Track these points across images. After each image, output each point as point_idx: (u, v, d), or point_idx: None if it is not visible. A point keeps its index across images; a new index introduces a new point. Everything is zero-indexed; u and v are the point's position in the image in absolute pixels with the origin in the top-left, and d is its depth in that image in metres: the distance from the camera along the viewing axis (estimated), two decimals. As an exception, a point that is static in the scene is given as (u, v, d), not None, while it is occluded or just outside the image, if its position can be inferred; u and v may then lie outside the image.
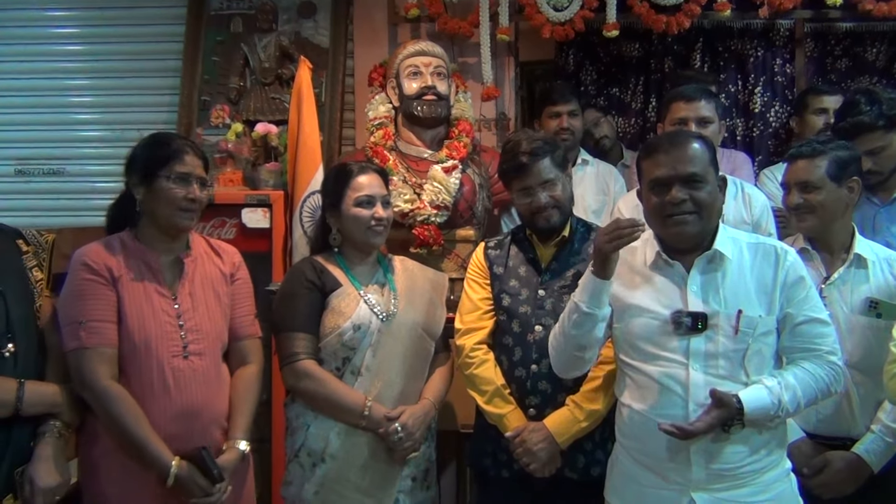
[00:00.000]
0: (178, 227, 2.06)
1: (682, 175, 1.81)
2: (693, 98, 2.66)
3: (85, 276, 1.96)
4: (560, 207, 2.21)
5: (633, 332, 1.88)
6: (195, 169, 2.06)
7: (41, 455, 1.85)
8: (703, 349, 1.80)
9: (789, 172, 2.24)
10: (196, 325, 2.05)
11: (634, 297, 1.89)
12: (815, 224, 2.19)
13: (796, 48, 3.52)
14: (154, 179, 2.02)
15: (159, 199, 2.02)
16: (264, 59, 3.65)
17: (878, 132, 2.43)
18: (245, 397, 2.13)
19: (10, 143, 3.94)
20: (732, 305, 1.80)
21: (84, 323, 1.92)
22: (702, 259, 1.84)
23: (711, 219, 1.84)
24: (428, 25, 3.55)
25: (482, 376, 2.21)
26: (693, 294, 1.83)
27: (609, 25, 3.30)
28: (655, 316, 1.84)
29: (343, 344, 2.16)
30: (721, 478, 1.78)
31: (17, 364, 1.86)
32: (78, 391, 1.95)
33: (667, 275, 1.88)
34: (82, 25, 3.92)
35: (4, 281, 1.88)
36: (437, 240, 2.87)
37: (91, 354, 1.91)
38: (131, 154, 2.10)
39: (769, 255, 1.85)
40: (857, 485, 2.05)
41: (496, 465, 2.23)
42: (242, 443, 2.07)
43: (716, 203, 1.84)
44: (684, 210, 1.80)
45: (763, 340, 1.81)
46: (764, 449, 1.81)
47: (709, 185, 1.82)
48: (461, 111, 3.12)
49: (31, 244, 2.03)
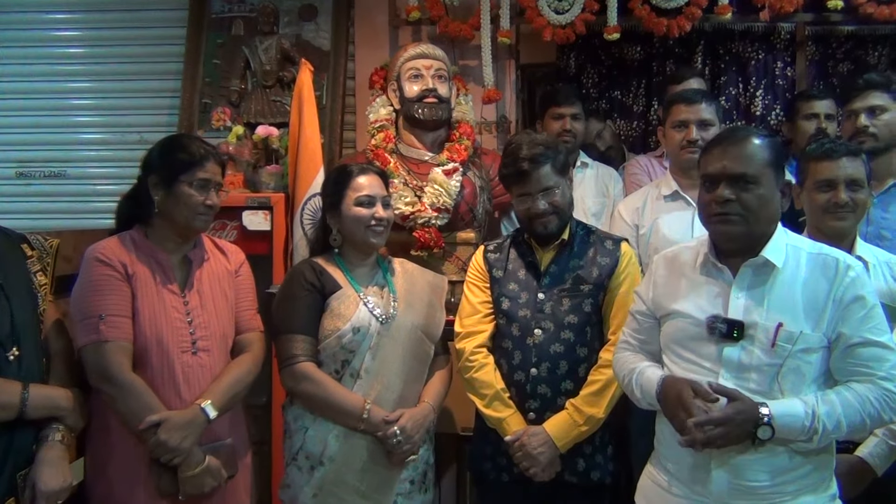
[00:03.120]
0: (194, 230, 2.12)
1: (730, 174, 1.72)
2: (694, 100, 2.67)
3: (102, 270, 2.00)
4: (559, 213, 2.20)
5: (673, 335, 1.82)
6: (215, 176, 2.12)
7: (44, 459, 1.85)
8: (737, 359, 1.70)
9: (830, 169, 2.14)
10: (204, 322, 2.10)
11: (677, 300, 1.82)
12: (853, 224, 2.14)
13: (797, 51, 3.51)
14: (175, 183, 2.06)
15: (179, 203, 2.07)
16: (265, 62, 3.65)
17: (881, 91, 2.53)
18: (228, 370, 2.12)
19: (10, 146, 3.96)
20: (774, 317, 1.69)
21: (104, 317, 1.96)
22: (749, 266, 1.74)
23: (760, 223, 1.73)
24: (429, 28, 3.55)
25: (482, 380, 2.21)
26: (735, 301, 1.73)
27: (610, 28, 3.30)
28: (694, 321, 1.76)
29: (342, 346, 2.16)
30: (744, 494, 1.69)
31: (21, 368, 1.86)
32: (94, 384, 1.98)
33: (713, 278, 1.79)
34: (83, 28, 3.94)
35: (9, 285, 1.89)
36: (437, 242, 2.86)
37: (112, 347, 1.95)
38: (151, 154, 2.13)
39: (828, 268, 1.72)
40: (860, 488, 2.02)
41: (496, 468, 2.22)
42: (206, 404, 2.02)
43: (768, 208, 1.73)
44: (729, 211, 1.71)
45: (802, 358, 1.68)
46: (796, 471, 1.69)
47: (762, 188, 1.71)
48: (462, 114, 3.12)
49: (35, 249, 2.04)
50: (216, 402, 2.04)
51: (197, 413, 2.01)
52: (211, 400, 2.03)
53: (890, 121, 2.62)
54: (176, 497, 1.99)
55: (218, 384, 2.08)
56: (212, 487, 2.02)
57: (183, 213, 2.07)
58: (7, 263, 1.93)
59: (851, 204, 2.12)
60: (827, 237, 2.06)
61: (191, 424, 1.99)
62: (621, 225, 2.78)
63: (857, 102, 2.67)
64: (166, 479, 1.98)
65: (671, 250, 1.95)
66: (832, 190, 2.14)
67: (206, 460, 2.01)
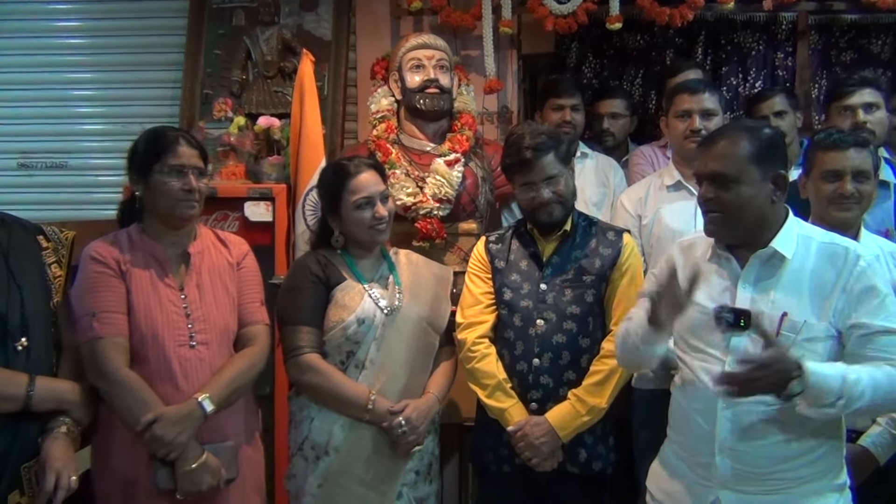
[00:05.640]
0: (179, 217, 2.08)
1: (706, 173, 1.75)
2: (697, 90, 2.67)
3: (95, 268, 2.01)
4: (563, 202, 2.20)
5: (683, 324, 1.81)
6: (190, 159, 2.07)
7: (49, 451, 1.84)
8: (743, 348, 1.71)
9: (837, 159, 2.14)
10: (203, 316, 2.07)
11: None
12: (857, 215, 2.15)
13: (800, 41, 3.49)
14: (150, 174, 2.05)
15: (157, 193, 2.05)
16: (266, 53, 3.64)
17: (873, 88, 2.59)
18: (230, 364, 2.09)
19: (12, 137, 3.94)
20: (780, 307, 1.71)
21: (97, 314, 1.96)
22: (758, 257, 1.75)
23: (742, 220, 1.74)
24: (430, 18, 3.53)
25: (484, 370, 2.21)
26: (743, 291, 1.75)
27: (612, 18, 3.29)
28: (703, 309, 1.76)
29: (347, 338, 2.16)
30: (749, 479, 1.71)
31: (29, 359, 1.86)
32: (92, 381, 1.97)
33: (722, 269, 1.80)
34: (84, 18, 3.92)
35: (21, 276, 1.90)
36: (439, 233, 2.87)
37: (106, 344, 1.95)
38: (130, 150, 2.13)
39: (836, 258, 1.72)
40: (863, 477, 2.03)
41: (497, 459, 2.23)
42: (203, 397, 1.99)
43: (752, 204, 1.73)
44: (711, 209, 1.75)
45: (808, 347, 1.68)
46: (802, 458, 1.70)
47: (743, 186, 1.71)
48: (464, 104, 3.12)
49: (51, 241, 2.04)
50: (214, 396, 1.99)
51: (193, 407, 1.97)
52: (209, 394, 1.99)
53: (882, 118, 2.66)
54: (173, 493, 1.96)
55: (218, 378, 2.04)
56: (210, 486, 1.98)
57: (164, 203, 2.04)
58: (20, 254, 1.93)
59: (857, 195, 2.12)
60: (831, 227, 2.04)
61: (187, 419, 1.95)
62: (624, 215, 2.78)
63: (854, 98, 2.68)
64: (163, 474, 1.95)
65: (687, 239, 1.96)
66: (838, 180, 2.14)
67: (203, 455, 1.97)
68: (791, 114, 2.98)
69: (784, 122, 2.92)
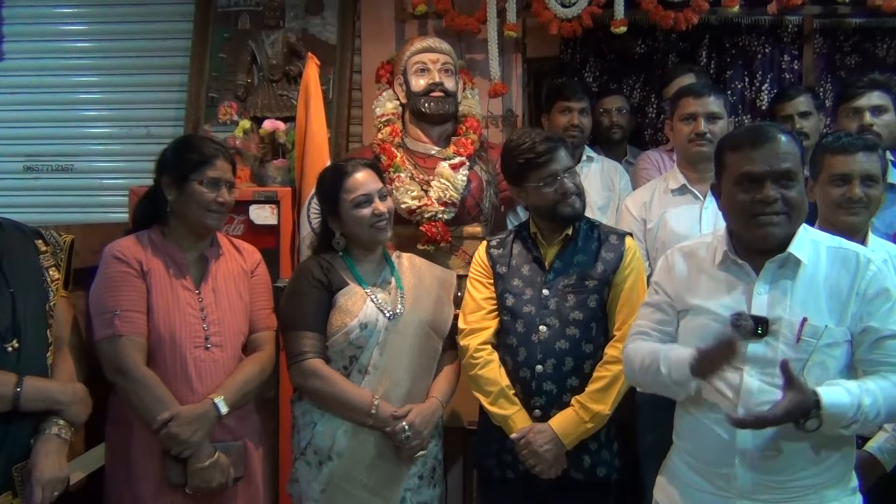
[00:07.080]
0: (207, 227, 2.17)
1: (776, 171, 1.67)
2: (702, 93, 2.66)
3: (118, 268, 2.07)
4: (581, 195, 2.21)
5: (693, 332, 1.78)
6: (225, 174, 2.17)
7: (40, 451, 1.86)
8: (761, 355, 1.68)
9: (845, 163, 2.13)
10: (218, 319, 2.15)
11: (697, 297, 1.79)
12: (865, 219, 2.14)
13: (805, 44, 3.49)
14: (186, 183, 2.12)
15: (191, 202, 2.12)
16: (272, 56, 3.65)
17: (883, 90, 2.57)
18: (242, 367, 2.18)
19: (18, 140, 3.96)
20: (799, 312, 1.67)
21: (118, 312, 2.02)
22: (774, 262, 1.71)
23: (799, 221, 1.72)
24: (435, 22, 3.54)
25: (486, 377, 2.21)
26: (759, 297, 1.71)
27: (617, 22, 3.29)
28: (716, 317, 1.73)
29: (350, 342, 2.16)
30: (769, 489, 1.68)
31: (19, 360, 1.88)
32: (110, 378, 2.04)
33: (735, 275, 1.76)
34: (90, 22, 3.94)
35: (15, 278, 1.92)
36: (444, 236, 2.87)
37: (126, 342, 2.02)
38: (163, 155, 2.20)
39: (848, 263, 1.70)
40: (869, 483, 2.00)
41: (501, 465, 2.22)
42: (218, 399, 2.07)
43: (805, 204, 1.72)
44: (775, 210, 1.68)
45: (827, 352, 1.67)
46: (820, 465, 1.68)
47: (800, 184, 1.70)
48: (468, 108, 3.12)
49: (49, 244, 2.07)
50: (228, 398, 2.09)
51: (209, 407, 2.06)
52: (224, 395, 2.08)
53: (890, 122, 2.63)
54: (183, 488, 2.03)
55: (231, 380, 2.13)
56: (219, 483, 2.06)
57: (195, 212, 2.12)
58: (16, 257, 1.95)
59: (866, 199, 2.11)
60: (839, 231, 2.03)
61: (202, 418, 2.04)
62: (629, 219, 2.77)
63: (862, 100, 2.67)
64: (176, 470, 2.03)
65: (687, 244, 1.93)
66: (847, 184, 2.13)
67: (216, 455, 2.05)
68: (815, 115, 2.97)
69: (808, 123, 2.92)
